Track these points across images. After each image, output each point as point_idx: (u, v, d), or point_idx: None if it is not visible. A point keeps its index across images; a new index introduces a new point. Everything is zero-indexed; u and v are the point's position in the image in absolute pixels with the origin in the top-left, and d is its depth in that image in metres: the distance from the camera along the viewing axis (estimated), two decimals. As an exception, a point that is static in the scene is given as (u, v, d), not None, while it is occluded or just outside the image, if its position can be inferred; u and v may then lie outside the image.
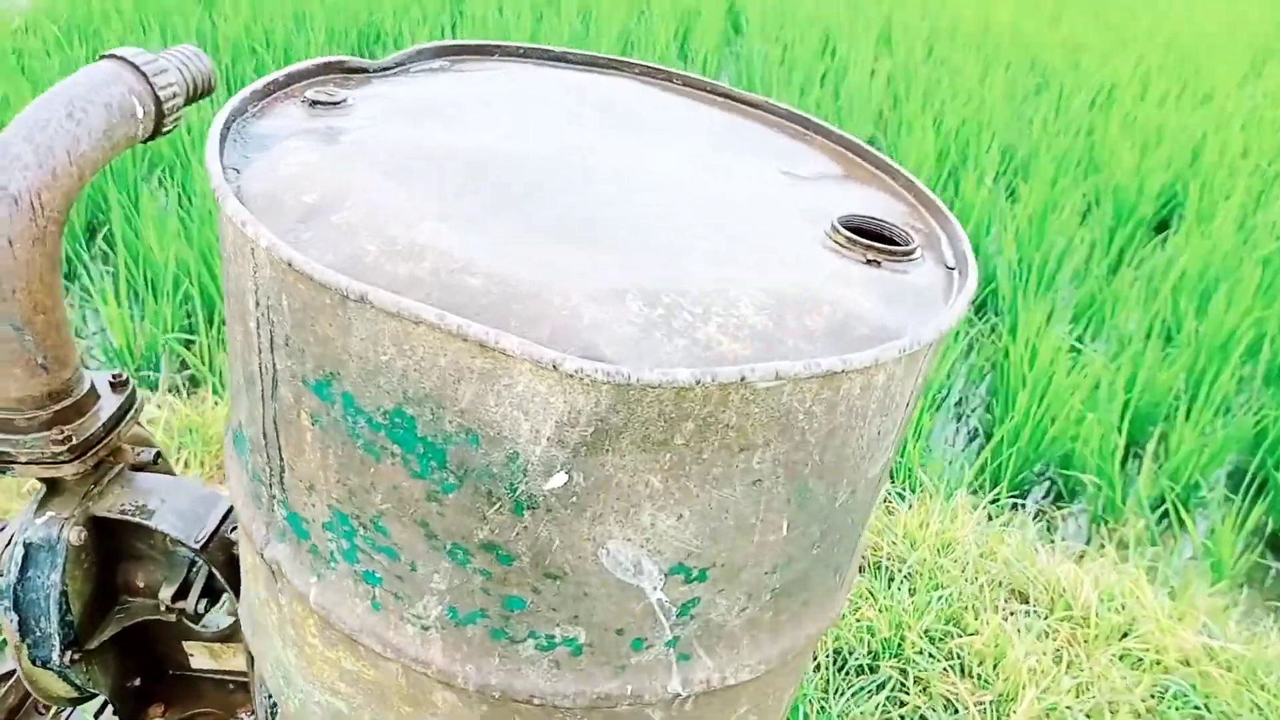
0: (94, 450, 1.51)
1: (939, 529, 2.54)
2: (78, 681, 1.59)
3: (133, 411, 1.59)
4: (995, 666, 2.16)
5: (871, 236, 1.11)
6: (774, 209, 1.15)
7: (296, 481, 1.05)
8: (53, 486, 1.55)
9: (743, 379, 0.83)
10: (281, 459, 1.05)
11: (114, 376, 1.60)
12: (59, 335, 1.46)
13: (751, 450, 0.90)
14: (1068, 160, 5.64)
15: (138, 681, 1.70)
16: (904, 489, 2.81)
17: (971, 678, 2.14)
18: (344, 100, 1.19)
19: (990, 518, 2.71)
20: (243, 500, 1.19)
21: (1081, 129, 6.29)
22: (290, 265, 0.87)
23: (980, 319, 4.26)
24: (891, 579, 2.40)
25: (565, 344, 0.85)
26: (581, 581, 0.95)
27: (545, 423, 0.85)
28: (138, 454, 1.67)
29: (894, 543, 2.50)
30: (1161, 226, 5.58)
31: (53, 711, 1.87)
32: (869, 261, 1.07)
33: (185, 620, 1.63)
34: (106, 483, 1.58)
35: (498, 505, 0.91)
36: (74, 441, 1.48)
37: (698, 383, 0.82)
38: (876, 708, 2.06)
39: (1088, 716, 2.10)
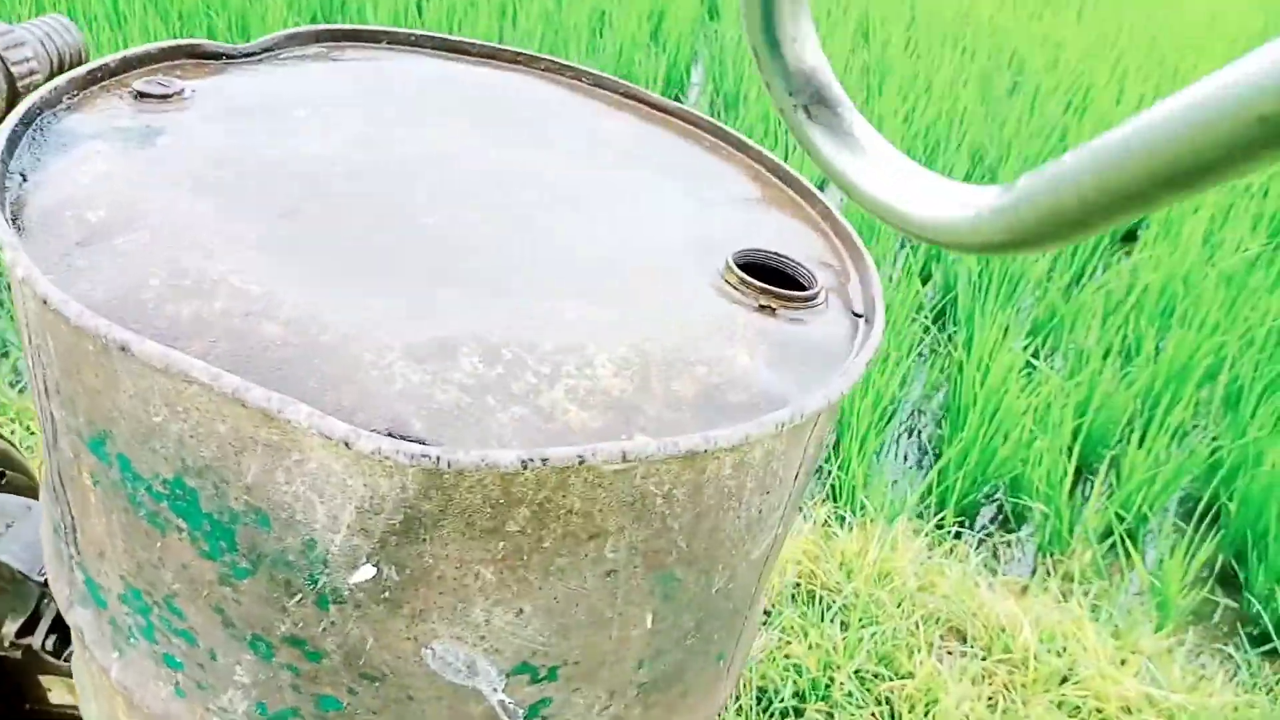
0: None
1: (877, 557, 2.43)
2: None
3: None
4: (927, 713, 2.04)
5: (770, 276, 0.97)
6: (666, 240, 1.01)
7: (88, 544, 0.90)
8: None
9: (581, 461, 0.69)
10: (72, 517, 0.90)
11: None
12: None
13: (602, 538, 0.77)
14: (1038, 164, 5.54)
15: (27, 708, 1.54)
16: (845, 512, 2.69)
17: (903, 726, 2.03)
18: (180, 92, 1.03)
19: (932, 546, 2.60)
20: (49, 553, 1.04)
21: (1054, 132, 6.19)
22: (46, 303, 0.72)
23: (939, 328, 4.15)
24: (824, 611, 2.28)
25: (370, 413, 0.70)
26: (404, 684, 0.81)
27: (344, 508, 0.70)
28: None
29: (829, 572, 2.38)
30: (1129, 237, 5.51)
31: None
32: (761, 308, 0.93)
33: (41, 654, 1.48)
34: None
35: (298, 597, 0.76)
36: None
37: (525, 466, 0.68)
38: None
39: (1019, 769, 2.00)
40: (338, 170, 0.95)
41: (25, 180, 0.87)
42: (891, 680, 2.10)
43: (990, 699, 2.11)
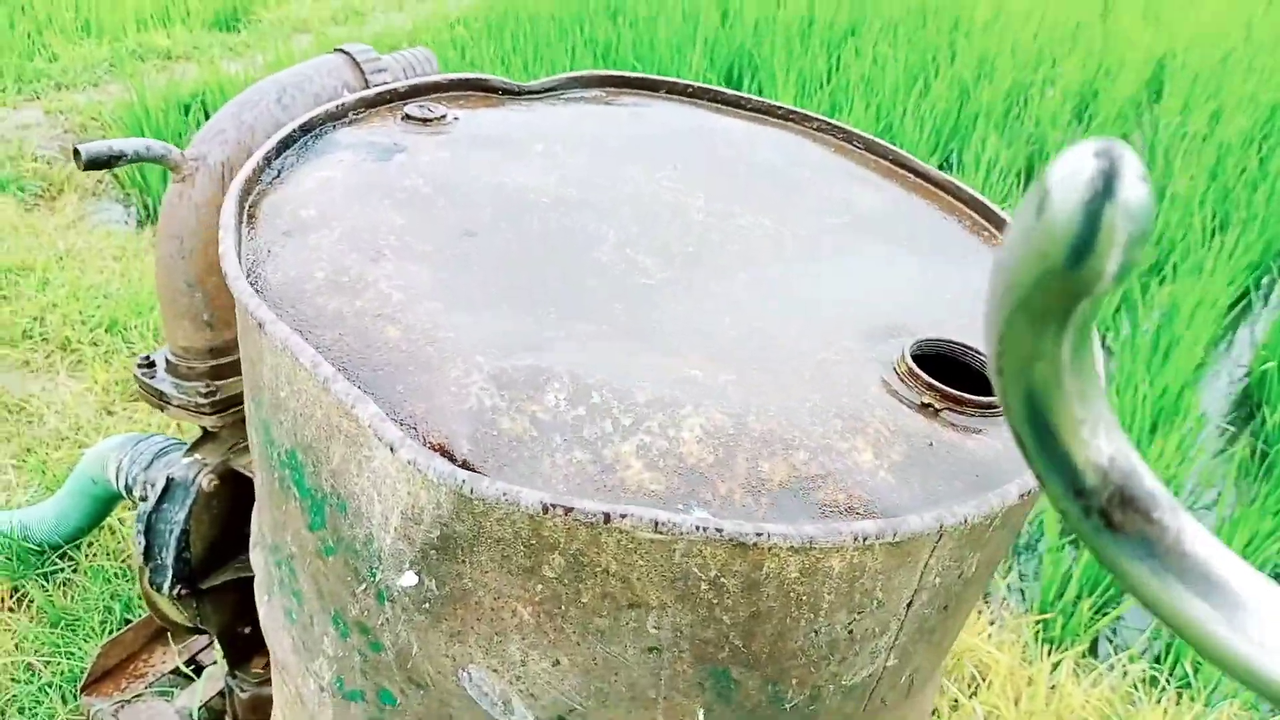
0: (235, 409, 1.61)
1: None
2: (188, 615, 1.70)
3: (286, 382, 1.67)
4: None
5: (957, 374, 0.84)
6: (854, 318, 0.92)
7: (258, 496, 1.01)
8: (206, 433, 1.68)
9: (606, 519, 0.65)
10: (253, 469, 1.03)
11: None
12: (226, 298, 1.57)
13: (643, 610, 0.71)
14: None
15: (248, 630, 1.80)
16: (1163, 675, 2.25)
17: None
18: (443, 118, 1.14)
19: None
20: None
21: None
22: (225, 274, 0.83)
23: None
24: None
25: (432, 427, 0.72)
26: (445, 701, 0.81)
27: (393, 511, 0.72)
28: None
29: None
30: None
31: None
32: (924, 406, 0.81)
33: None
34: (253, 442, 1.68)
35: (364, 586, 0.80)
36: (217, 397, 1.58)
37: (546, 511, 0.65)
38: None
39: None
40: (541, 202, 0.99)
41: (278, 176, 1.01)
42: None
43: None
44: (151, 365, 1.62)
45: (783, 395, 0.79)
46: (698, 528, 0.65)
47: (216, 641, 1.78)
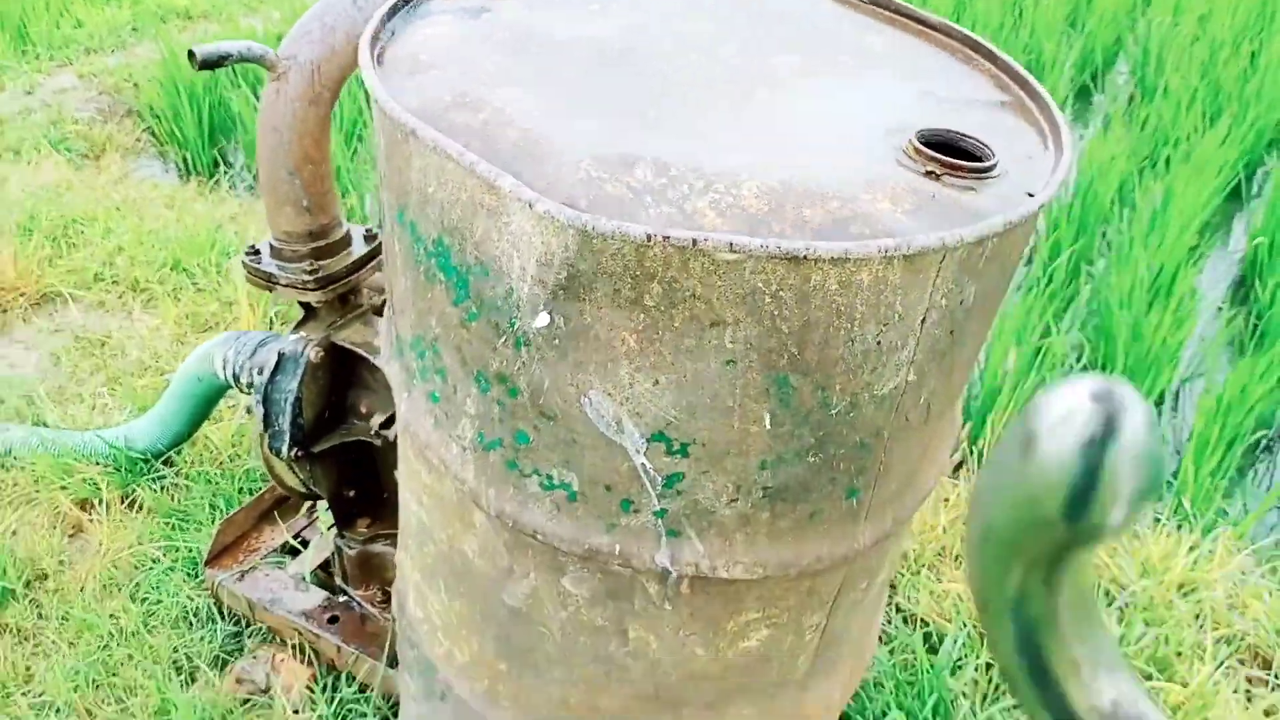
0: (336, 285, 1.85)
1: (1186, 564, 2.21)
2: (301, 477, 1.95)
3: (375, 261, 1.90)
4: (1192, 724, 1.87)
5: (953, 152, 1.06)
6: (870, 121, 1.13)
7: (396, 305, 1.24)
8: (308, 313, 1.92)
9: (694, 243, 0.87)
10: (391, 286, 1.26)
11: (368, 231, 1.93)
12: (322, 185, 1.80)
13: (722, 327, 0.94)
14: None
15: (353, 493, 2.05)
16: (1163, 514, 2.48)
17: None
18: (515, -7, 1.35)
19: (1259, 564, 2.30)
20: (383, 331, 1.42)
21: None
22: (377, 101, 1.05)
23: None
24: (1109, 603, 2.15)
25: (554, 193, 0.94)
26: (570, 426, 1.05)
27: (529, 260, 0.95)
28: (381, 299, 1.99)
29: (1124, 568, 2.22)
30: None
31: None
32: (929, 173, 1.03)
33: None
34: (350, 318, 1.92)
35: (504, 338, 1.03)
36: (320, 275, 1.82)
37: (649, 239, 0.88)
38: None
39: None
40: (609, 44, 1.21)
41: (393, 35, 1.23)
42: (1160, 681, 1.93)
43: None
44: (257, 253, 1.86)
45: (818, 168, 1.01)
46: (763, 245, 0.87)
47: (327, 504, 2.03)
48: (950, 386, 1.12)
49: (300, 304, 1.90)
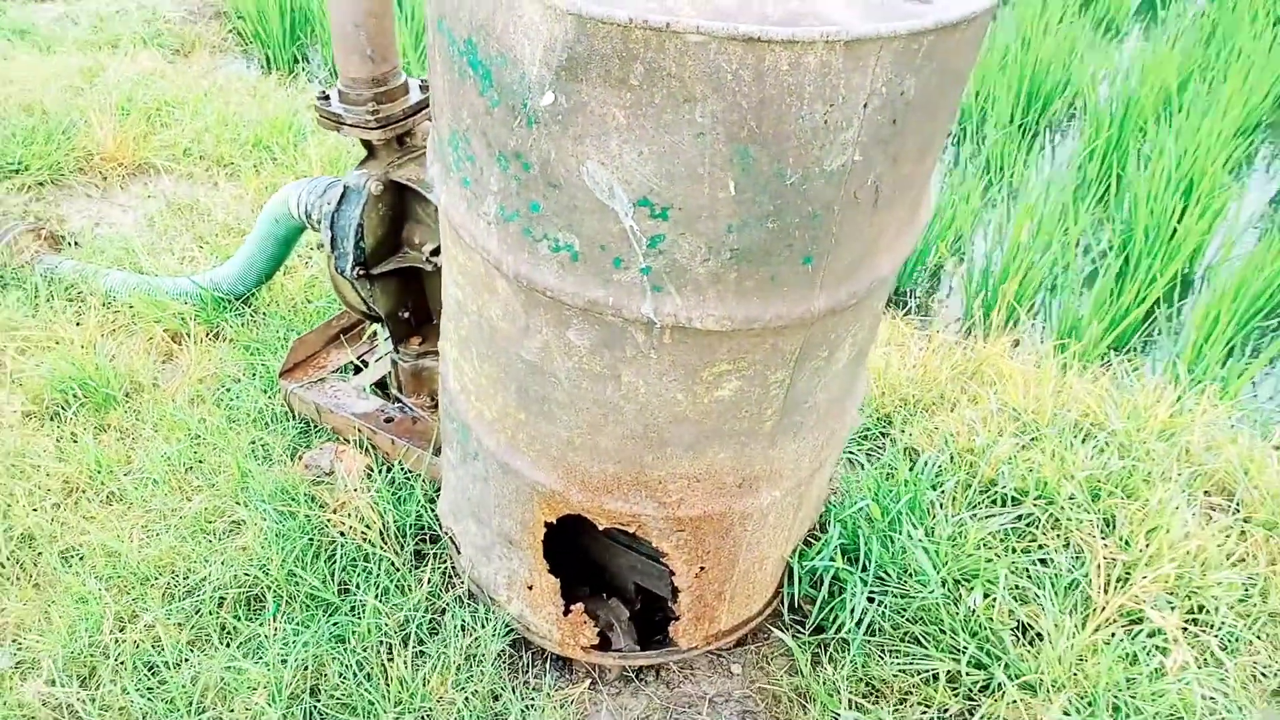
0: (394, 126, 2.10)
1: (1170, 413, 2.39)
2: (363, 295, 2.24)
3: (429, 109, 2.15)
4: (1149, 534, 2.07)
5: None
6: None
7: (435, 106, 1.49)
8: (370, 152, 2.18)
9: (668, 26, 1.10)
10: (433, 88, 1.50)
11: (423, 81, 2.17)
12: (384, 37, 2.04)
13: (693, 103, 1.16)
14: None
15: (407, 314, 2.33)
16: (1151, 368, 2.65)
17: (1116, 539, 2.07)
18: None
19: (1245, 418, 2.47)
20: (430, 146, 1.67)
21: None
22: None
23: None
24: (1085, 440, 2.34)
25: (559, -11, 1.16)
26: (572, 194, 1.29)
27: (537, 46, 1.18)
28: (432, 147, 2.24)
29: (1110, 414, 2.41)
30: None
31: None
32: (880, -12, 1.23)
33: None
34: (406, 159, 2.17)
35: (519, 118, 1.27)
36: (380, 116, 2.07)
37: (630, 22, 1.10)
38: (1001, 534, 2.11)
39: (1230, 606, 1.95)
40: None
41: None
42: (1122, 499, 2.14)
43: (1231, 550, 2.04)
44: (327, 98, 2.12)
45: (782, -21, 1.21)
46: (724, 28, 1.09)
47: (385, 323, 2.32)
48: (898, 175, 1.33)
49: (363, 143, 2.16)
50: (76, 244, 3.32)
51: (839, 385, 1.62)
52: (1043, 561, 2.14)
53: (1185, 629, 2.01)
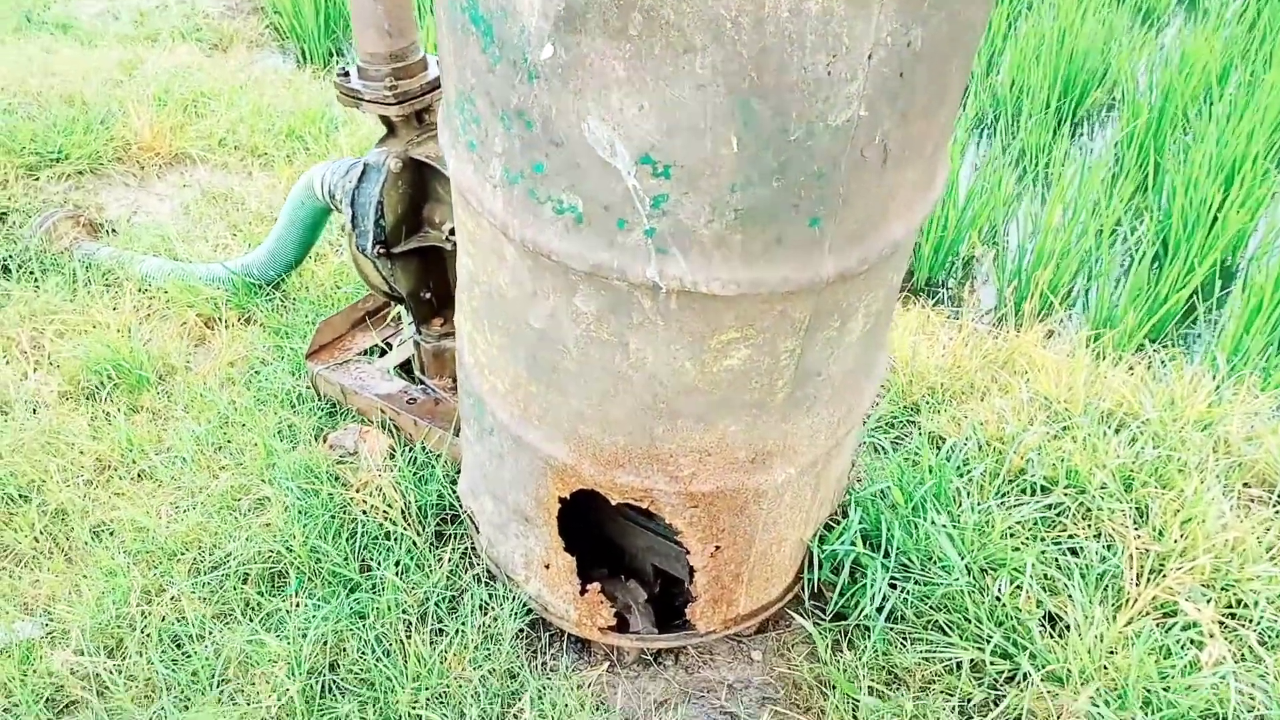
0: (413, 102, 2.10)
1: (1205, 403, 2.30)
2: (384, 275, 2.24)
3: (448, 88, 2.14)
4: (1183, 525, 1.99)
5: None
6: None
7: (443, 68, 1.48)
8: (389, 130, 2.18)
9: (664, -33, 1.07)
10: (440, 49, 1.49)
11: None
12: (402, 11, 2.04)
13: (693, 53, 1.14)
14: None
15: (429, 295, 2.33)
16: (1188, 358, 2.56)
17: (1149, 529, 1.99)
18: None
19: (1281, 409, 2.38)
20: (440, 116, 1.66)
21: None
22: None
23: None
24: (1118, 430, 2.26)
25: (557, -59, 1.15)
26: (574, 153, 1.27)
27: None
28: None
29: (1143, 402, 2.33)
30: None
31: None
32: (886, -62, 1.19)
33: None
34: (425, 137, 2.17)
35: (519, 74, 1.25)
36: (399, 91, 2.07)
37: (627, -34, 1.08)
38: (1030, 522, 2.04)
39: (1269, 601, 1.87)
40: None
41: None
42: (1156, 488, 2.06)
43: (1278, 547, 1.96)
44: (347, 75, 2.12)
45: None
46: (721, -28, 1.06)
47: (408, 303, 2.32)
48: (907, 132, 1.29)
49: (383, 121, 2.17)
50: (114, 231, 3.38)
51: (854, 358, 1.58)
52: (1072, 551, 2.07)
53: (1221, 623, 1.93)
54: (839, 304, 1.44)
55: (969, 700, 1.83)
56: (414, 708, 1.85)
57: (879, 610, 1.93)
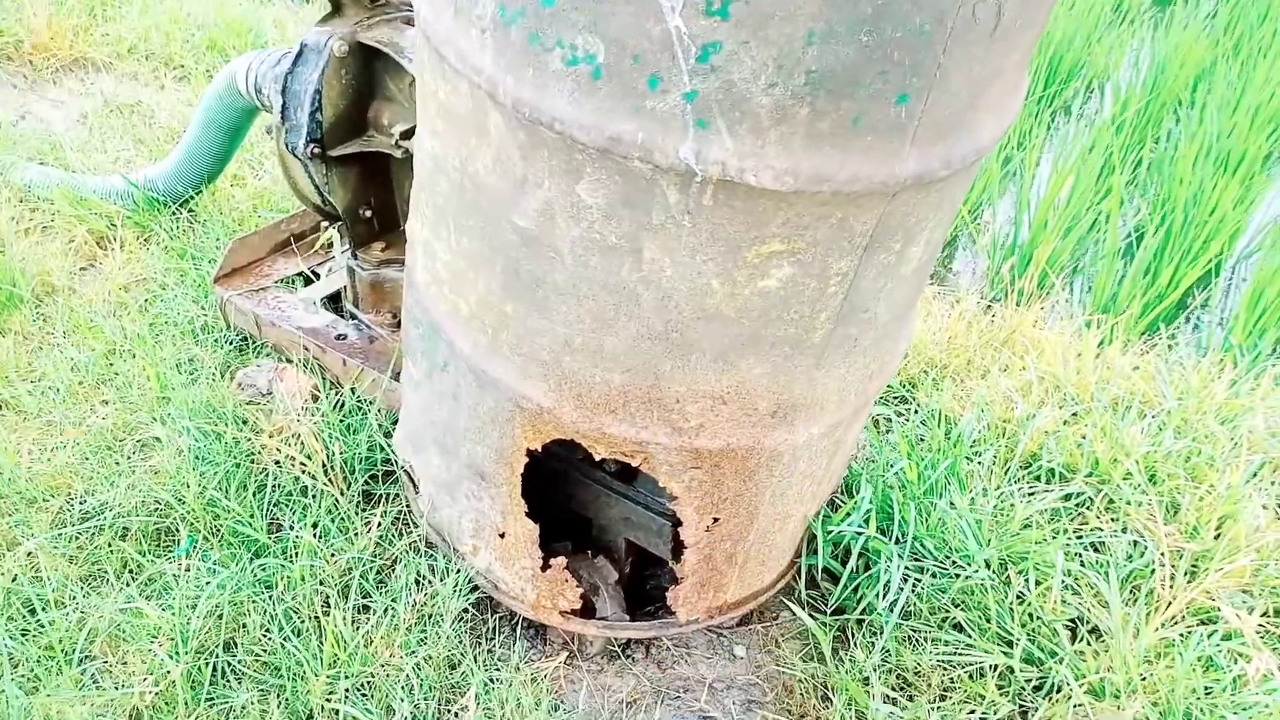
0: (364, -26, 1.74)
1: (1229, 392, 2.11)
2: (318, 182, 1.88)
3: (408, -38, 1.80)
4: (1219, 525, 1.78)
5: None
6: None
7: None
8: (335, 8, 1.82)
9: None
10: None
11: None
12: None
13: None
14: None
15: (369, 213, 1.98)
16: (1206, 342, 2.37)
17: (1179, 525, 1.78)
18: None
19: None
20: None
21: None
22: None
23: None
24: (1136, 419, 2.05)
25: None
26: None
27: None
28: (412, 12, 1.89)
29: (1161, 391, 2.12)
30: None
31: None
32: None
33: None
34: (379, 19, 1.82)
35: None
36: (350, -42, 1.71)
37: None
38: (1049, 513, 1.81)
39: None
40: None
41: None
42: (1190, 484, 1.85)
43: None
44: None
45: None
46: None
47: (343, 222, 1.96)
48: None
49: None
50: (-5, 134, 2.91)
51: (903, 297, 1.29)
52: (1096, 547, 1.83)
53: (1263, 631, 1.72)
54: (906, 220, 1.14)
55: (995, 711, 1.56)
56: (329, 699, 1.51)
57: (891, 606, 1.66)
